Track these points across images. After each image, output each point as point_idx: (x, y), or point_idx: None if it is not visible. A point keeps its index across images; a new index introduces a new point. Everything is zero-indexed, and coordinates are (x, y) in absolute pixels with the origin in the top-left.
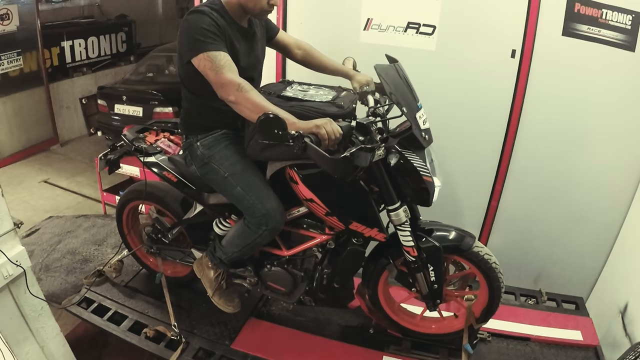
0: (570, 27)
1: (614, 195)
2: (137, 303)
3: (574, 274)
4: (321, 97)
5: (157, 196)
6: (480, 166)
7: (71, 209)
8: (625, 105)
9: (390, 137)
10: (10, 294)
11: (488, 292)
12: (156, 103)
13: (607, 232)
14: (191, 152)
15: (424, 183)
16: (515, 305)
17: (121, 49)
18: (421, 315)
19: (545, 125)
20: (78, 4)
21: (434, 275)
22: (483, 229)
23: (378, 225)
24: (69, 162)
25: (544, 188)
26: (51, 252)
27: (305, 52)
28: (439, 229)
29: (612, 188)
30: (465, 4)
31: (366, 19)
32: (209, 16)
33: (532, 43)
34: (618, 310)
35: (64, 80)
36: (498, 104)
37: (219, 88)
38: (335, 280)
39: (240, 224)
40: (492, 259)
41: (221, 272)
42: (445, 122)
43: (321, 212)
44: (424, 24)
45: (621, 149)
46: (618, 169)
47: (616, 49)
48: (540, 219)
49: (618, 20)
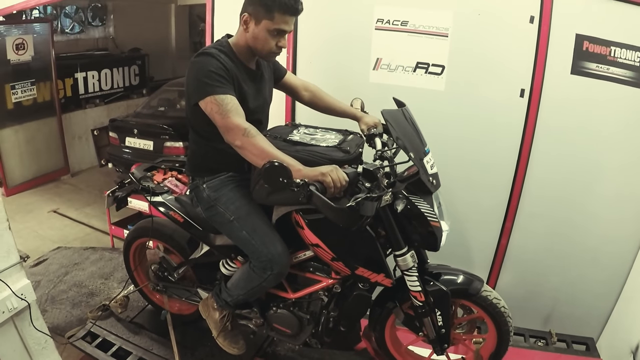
0: (579, 66)
1: (625, 232)
2: (142, 339)
3: (585, 313)
4: (327, 142)
5: (165, 234)
6: (490, 205)
7: (79, 240)
8: (634, 141)
9: (397, 182)
10: (14, 326)
11: (496, 335)
12: (167, 137)
13: (619, 269)
14: (197, 193)
15: (432, 228)
16: (524, 347)
17: (134, 82)
18: (429, 358)
19: (555, 162)
20: (93, 36)
21: (441, 320)
22: (492, 268)
23: (385, 270)
24: (79, 192)
25: (553, 226)
26: (58, 284)
27: (313, 94)
28: (447, 273)
29: (623, 224)
30: (474, 44)
31: (375, 58)
32: (217, 59)
33: (540, 82)
34: (630, 350)
35: (76, 111)
36: (507, 142)
37: (225, 132)
38: (342, 323)
39: (245, 268)
40: (500, 302)
41: (227, 314)
42: (454, 161)
43: (327, 257)
44: (432, 63)
45: (632, 184)
46: (631, 200)
47: (626, 86)
48: (550, 256)
49: (627, 57)
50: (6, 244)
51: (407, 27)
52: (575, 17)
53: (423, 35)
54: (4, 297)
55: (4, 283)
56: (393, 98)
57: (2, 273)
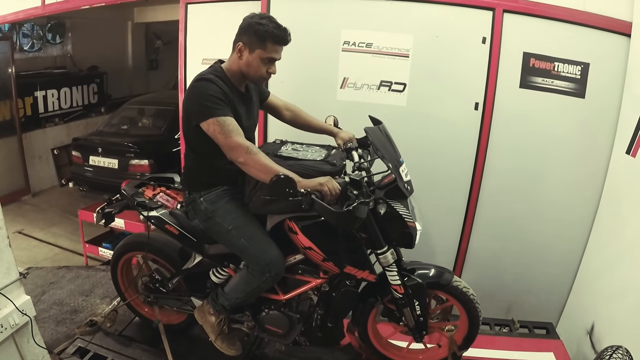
0: (527, 80)
1: (573, 228)
2: (134, 351)
3: (543, 302)
4: (314, 156)
5: (156, 247)
6: (450, 211)
7: (49, 260)
8: (578, 145)
9: (377, 189)
10: (14, 343)
11: (468, 320)
12: (132, 155)
13: (570, 262)
14: (194, 207)
15: (408, 228)
16: (491, 334)
17: (92, 100)
18: (407, 348)
19: (507, 168)
20: (51, 54)
21: (419, 309)
22: (455, 268)
23: (369, 267)
24: (42, 212)
25: (509, 227)
26: (36, 303)
27: (293, 113)
28: (420, 268)
29: (571, 221)
30: (433, 63)
31: (342, 77)
32: (216, 84)
33: (493, 96)
34: (586, 331)
35: (36, 131)
36: (464, 152)
37: (228, 150)
38: (329, 320)
39: (244, 273)
40: (469, 291)
41: (223, 318)
42: (416, 171)
43: (318, 258)
44: (395, 82)
45: (577, 185)
46: (576, 203)
47: (568, 97)
48: (508, 254)
49: (569, 71)
50: (6, 260)
51: (371, 48)
52: (523, 37)
53: (386, 56)
54: (6, 313)
55: (8, 299)
56: (369, 116)
57: (4, 289)
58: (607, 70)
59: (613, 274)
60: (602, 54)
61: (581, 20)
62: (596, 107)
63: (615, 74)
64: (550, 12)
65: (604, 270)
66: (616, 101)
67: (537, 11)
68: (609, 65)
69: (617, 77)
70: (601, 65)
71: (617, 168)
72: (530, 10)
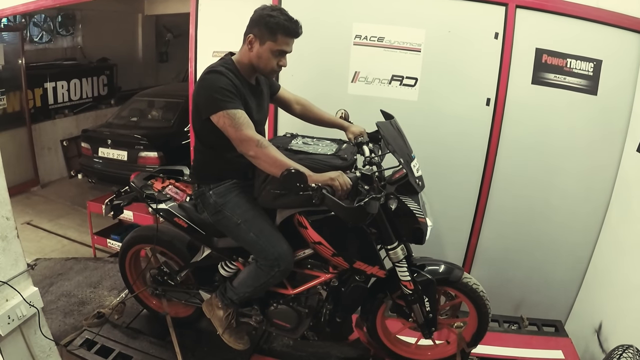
0: (539, 76)
1: (583, 225)
2: (141, 343)
3: (552, 299)
4: (325, 150)
5: (165, 240)
6: (460, 207)
7: (57, 252)
8: (589, 142)
9: (388, 184)
10: (21, 335)
11: (477, 317)
12: (141, 148)
13: (580, 259)
14: (203, 200)
15: (419, 224)
16: (499, 331)
17: (102, 92)
18: (416, 344)
19: (518, 165)
20: (61, 45)
21: (429, 306)
22: (464, 264)
23: (379, 263)
24: (51, 204)
25: (519, 223)
26: (44, 295)
27: (304, 107)
28: (430, 264)
29: (581, 219)
30: (444, 58)
31: (354, 72)
32: (226, 76)
33: (504, 92)
34: (594, 329)
35: (45, 122)
36: (475, 148)
37: (239, 143)
38: (338, 314)
39: (253, 267)
40: (479, 287)
41: (231, 312)
42: (427, 166)
43: (328, 253)
44: (407, 76)
45: (588, 183)
46: (587, 200)
47: (580, 94)
48: (518, 250)
49: (581, 68)
50: (15, 251)
51: (383, 42)
52: (535, 33)
53: (398, 50)
54: (14, 304)
55: (15, 290)
56: (381, 110)
57: (11, 281)
58: (620, 68)
59: (623, 271)
60: (615, 51)
61: (594, 16)
62: (608, 104)
63: (628, 71)
64: (563, 8)
65: (614, 268)
66: (628, 98)
67: (549, 7)
68: (621, 63)
69: (630, 74)
70: (614, 62)
71: (629, 165)
72: (543, 6)
